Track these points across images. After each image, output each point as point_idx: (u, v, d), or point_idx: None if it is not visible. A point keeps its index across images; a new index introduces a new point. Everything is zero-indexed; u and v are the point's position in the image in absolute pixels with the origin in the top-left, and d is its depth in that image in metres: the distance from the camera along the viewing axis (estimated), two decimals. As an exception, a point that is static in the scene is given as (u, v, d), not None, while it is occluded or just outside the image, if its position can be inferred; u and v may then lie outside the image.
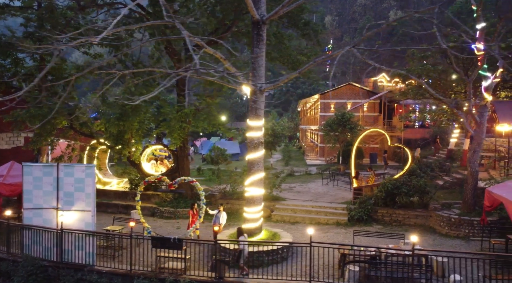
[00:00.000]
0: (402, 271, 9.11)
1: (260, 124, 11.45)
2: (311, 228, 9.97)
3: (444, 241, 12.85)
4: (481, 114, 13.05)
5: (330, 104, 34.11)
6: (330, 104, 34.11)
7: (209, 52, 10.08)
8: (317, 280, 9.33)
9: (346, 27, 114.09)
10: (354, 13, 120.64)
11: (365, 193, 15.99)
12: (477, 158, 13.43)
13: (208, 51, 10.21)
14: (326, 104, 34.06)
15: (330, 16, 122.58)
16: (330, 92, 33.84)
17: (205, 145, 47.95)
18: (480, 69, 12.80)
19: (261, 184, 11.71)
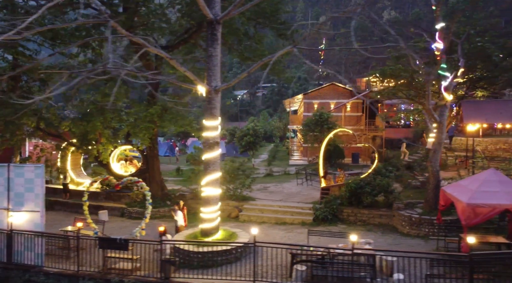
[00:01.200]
0: (347, 271, 9.13)
1: (215, 124, 11.42)
2: (255, 227, 10.05)
3: (403, 240, 12.88)
4: (441, 114, 13.10)
5: (313, 104, 34.15)
6: (313, 104, 34.15)
7: (164, 56, 10.03)
8: (262, 280, 9.32)
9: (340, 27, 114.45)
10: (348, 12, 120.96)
11: (333, 193, 16.01)
12: (438, 158, 13.47)
13: (164, 56, 10.20)
14: (310, 104, 34.10)
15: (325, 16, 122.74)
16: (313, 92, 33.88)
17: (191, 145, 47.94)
18: (439, 69, 12.84)
19: (217, 184, 11.68)
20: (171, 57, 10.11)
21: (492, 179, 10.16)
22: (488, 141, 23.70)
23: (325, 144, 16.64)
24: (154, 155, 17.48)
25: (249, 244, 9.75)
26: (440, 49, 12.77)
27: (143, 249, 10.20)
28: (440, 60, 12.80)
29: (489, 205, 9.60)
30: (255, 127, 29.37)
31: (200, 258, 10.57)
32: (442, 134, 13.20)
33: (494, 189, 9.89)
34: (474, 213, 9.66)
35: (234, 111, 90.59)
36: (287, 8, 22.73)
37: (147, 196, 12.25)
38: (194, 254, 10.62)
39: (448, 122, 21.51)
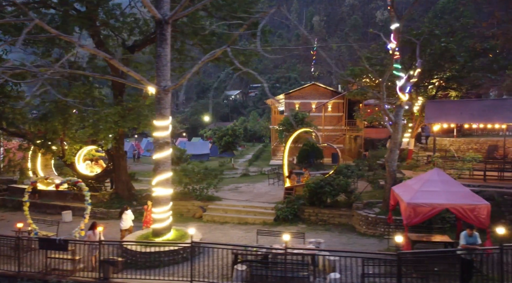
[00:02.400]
0: (286, 270, 9.16)
1: (166, 124, 11.42)
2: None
3: (358, 240, 12.93)
4: (397, 114, 13.16)
5: (295, 104, 34.21)
6: (295, 104, 34.21)
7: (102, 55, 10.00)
8: (199, 280, 9.33)
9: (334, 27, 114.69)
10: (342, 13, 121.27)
11: (298, 193, 16.04)
12: (395, 157, 13.54)
13: (102, 55, 10.20)
14: (291, 104, 34.15)
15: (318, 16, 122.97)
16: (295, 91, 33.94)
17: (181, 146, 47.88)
18: (393, 70, 12.90)
19: (168, 184, 11.66)
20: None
21: (435, 179, 10.23)
22: (461, 141, 23.85)
23: (289, 144, 16.63)
24: (120, 155, 17.42)
25: (186, 244, 9.74)
26: (395, 49, 12.82)
27: (86, 249, 10.18)
28: (394, 60, 12.86)
29: (429, 204, 9.66)
30: (234, 128, 29.32)
31: (146, 259, 10.55)
32: (398, 133, 13.25)
33: (436, 188, 9.96)
34: (415, 212, 9.72)
35: (226, 111, 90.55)
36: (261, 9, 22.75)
37: (86, 197, 12.18)
38: (140, 255, 10.61)
39: (419, 122, 21.65)
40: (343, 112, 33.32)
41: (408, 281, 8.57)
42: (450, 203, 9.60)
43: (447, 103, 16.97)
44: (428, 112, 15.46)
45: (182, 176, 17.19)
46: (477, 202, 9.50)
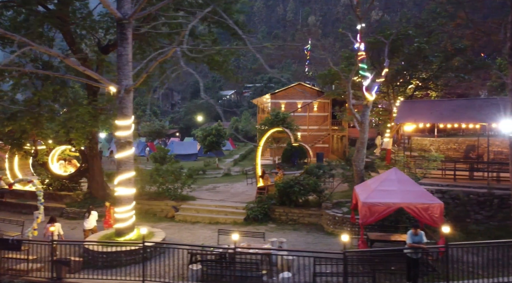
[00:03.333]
0: (241, 270, 9.17)
1: (127, 123, 11.40)
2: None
3: (323, 239, 12.96)
4: (363, 114, 13.20)
5: (280, 104, 34.23)
6: (280, 104, 34.23)
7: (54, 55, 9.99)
8: (151, 279, 9.32)
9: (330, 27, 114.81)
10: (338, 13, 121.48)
11: (270, 192, 16.05)
12: (362, 157, 13.58)
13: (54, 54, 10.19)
14: (277, 104, 34.17)
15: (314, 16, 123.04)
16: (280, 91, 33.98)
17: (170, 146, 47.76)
18: (360, 69, 12.95)
19: (130, 184, 11.65)
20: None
21: (392, 178, 10.28)
22: (441, 141, 23.95)
23: (262, 144, 16.63)
24: (94, 155, 17.38)
25: (138, 243, 9.74)
26: (362, 49, 12.86)
27: (43, 249, 10.14)
28: (360, 60, 12.90)
29: (384, 203, 9.71)
30: (218, 127, 29.31)
31: (105, 258, 10.54)
32: (364, 133, 13.29)
33: (392, 188, 10.01)
34: (370, 211, 9.76)
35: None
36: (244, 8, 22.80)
37: (39, 196, 12.13)
38: (99, 254, 10.60)
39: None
40: (328, 112, 33.36)
41: (355, 280, 8.62)
42: (405, 202, 9.64)
43: (419, 103, 17.03)
44: (399, 112, 15.52)
45: (156, 175, 17.17)
46: (431, 201, 9.55)
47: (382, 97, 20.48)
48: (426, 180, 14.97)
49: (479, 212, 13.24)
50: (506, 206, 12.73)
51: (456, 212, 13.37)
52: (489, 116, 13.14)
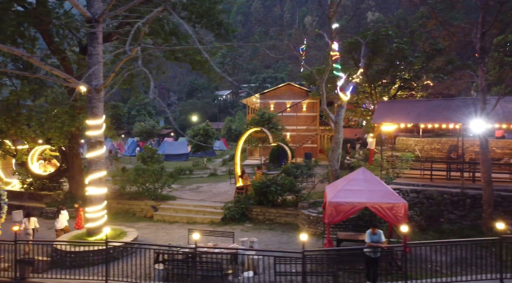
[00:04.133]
0: (207, 269, 9.18)
1: (98, 123, 11.40)
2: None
3: (297, 239, 12.94)
4: (338, 114, 13.23)
5: (270, 103, 34.25)
6: (270, 103, 34.25)
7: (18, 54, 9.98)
8: (114, 279, 9.32)
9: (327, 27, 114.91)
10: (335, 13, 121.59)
11: (249, 192, 16.06)
12: (337, 157, 13.61)
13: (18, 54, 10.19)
14: (266, 104, 34.19)
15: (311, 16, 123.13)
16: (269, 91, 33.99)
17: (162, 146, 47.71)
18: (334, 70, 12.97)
19: (101, 184, 11.65)
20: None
21: (359, 178, 10.31)
22: (425, 141, 24.02)
23: (241, 144, 16.64)
24: (73, 154, 17.35)
25: (100, 243, 9.74)
26: (335, 49, 12.89)
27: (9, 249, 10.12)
28: (334, 60, 12.93)
29: (349, 203, 9.74)
30: (206, 127, 29.28)
31: (73, 258, 10.54)
32: (339, 133, 13.33)
33: (358, 187, 10.04)
34: (336, 211, 9.80)
35: (214, 111, 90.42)
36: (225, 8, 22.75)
37: (2, 196, 12.08)
38: (67, 254, 10.59)
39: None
40: (317, 112, 33.40)
41: (317, 279, 8.66)
42: (370, 202, 9.68)
43: (398, 103, 17.08)
44: (377, 112, 15.55)
45: (135, 175, 17.16)
46: (395, 201, 9.59)
47: (366, 97, 20.54)
48: (402, 180, 15.03)
49: (453, 212, 13.30)
50: (478, 206, 12.79)
51: (430, 212, 13.43)
52: (464, 116, 13.18)
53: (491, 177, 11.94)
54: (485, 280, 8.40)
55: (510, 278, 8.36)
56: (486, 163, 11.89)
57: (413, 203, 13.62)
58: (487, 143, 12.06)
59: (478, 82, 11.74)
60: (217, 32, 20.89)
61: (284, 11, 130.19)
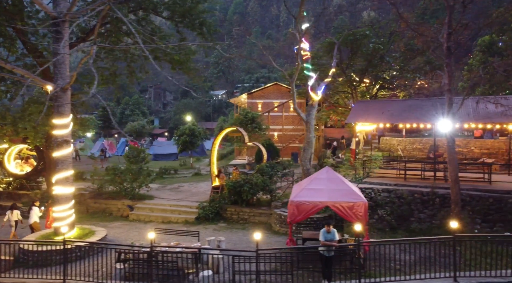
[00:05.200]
0: (166, 268, 9.19)
1: (64, 122, 11.37)
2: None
3: (267, 238, 12.96)
4: (309, 113, 13.27)
5: (257, 103, 34.28)
6: (257, 103, 34.28)
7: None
8: (72, 278, 9.30)
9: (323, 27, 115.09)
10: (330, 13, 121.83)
11: (225, 191, 16.06)
12: (308, 156, 13.64)
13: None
14: (254, 104, 34.21)
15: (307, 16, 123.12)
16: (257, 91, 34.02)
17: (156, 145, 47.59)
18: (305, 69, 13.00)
19: (68, 183, 11.62)
20: None
21: (322, 177, 10.34)
22: (407, 141, 24.13)
23: (218, 143, 16.64)
24: (50, 153, 17.27)
25: (58, 242, 9.73)
26: (306, 49, 12.92)
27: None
28: (305, 60, 12.96)
29: (311, 202, 9.78)
30: (192, 127, 29.28)
31: (37, 257, 10.51)
32: (310, 133, 13.36)
33: (320, 186, 10.07)
34: (298, 210, 9.83)
35: (209, 111, 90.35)
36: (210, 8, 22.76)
37: None
38: (30, 253, 10.56)
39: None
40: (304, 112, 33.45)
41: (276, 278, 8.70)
42: (331, 200, 9.71)
43: (373, 103, 17.13)
44: (352, 111, 15.60)
45: (112, 175, 17.14)
46: (356, 200, 9.62)
47: (346, 97, 20.60)
48: (376, 179, 15.11)
49: (423, 211, 13.37)
50: (447, 205, 12.87)
51: (400, 211, 13.50)
52: (434, 116, 13.25)
53: (458, 176, 12.01)
54: (440, 279, 8.46)
55: (464, 276, 8.43)
56: (452, 162, 11.96)
57: (385, 203, 13.70)
58: (454, 142, 12.13)
59: (445, 82, 11.80)
60: (199, 31, 20.90)
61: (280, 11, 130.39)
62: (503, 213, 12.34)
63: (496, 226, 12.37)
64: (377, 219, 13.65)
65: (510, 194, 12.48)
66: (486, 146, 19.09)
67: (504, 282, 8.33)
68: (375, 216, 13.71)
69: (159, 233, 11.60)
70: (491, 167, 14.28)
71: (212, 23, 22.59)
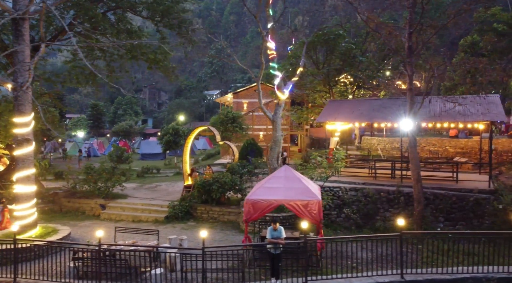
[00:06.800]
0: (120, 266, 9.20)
1: (25, 120, 11.34)
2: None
3: (232, 237, 13.01)
4: (275, 112, 13.31)
5: (243, 103, 34.32)
6: (243, 103, 34.32)
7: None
8: (22, 277, 9.29)
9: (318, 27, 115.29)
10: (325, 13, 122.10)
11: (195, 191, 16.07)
12: (275, 155, 13.69)
13: None
14: (239, 104, 34.26)
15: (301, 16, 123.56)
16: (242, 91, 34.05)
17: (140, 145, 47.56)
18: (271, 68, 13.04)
19: (29, 181, 11.60)
20: None
21: (280, 176, 10.38)
22: (386, 141, 24.24)
23: (190, 142, 16.66)
24: (24, 153, 17.22)
25: (7, 241, 9.72)
26: (272, 48, 12.96)
27: None
28: (271, 59, 13.00)
29: (266, 200, 9.79)
30: (175, 127, 29.30)
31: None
32: (277, 132, 13.40)
33: (277, 185, 10.10)
34: (254, 208, 9.85)
35: (202, 111, 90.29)
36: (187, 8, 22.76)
37: None
38: (-12, 252, 10.52)
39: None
40: (289, 111, 33.50)
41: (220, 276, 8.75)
42: (286, 199, 9.74)
43: (345, 102, 17.19)
44: (324, 110, 15.66)
45: (85, 174, 17.12)
46: (310, 198, 9.64)
47: (322, 96, 20.66)
48: (345, 178, 15.19)
49: (388, 210, 13.45)
50: (412, 204, 12.95)
51: (366, 210, 13.57)
52: (398, 115, 13.33)
53: (420, 175, 12.09)
54: (388, 275, 8.51)
55: (411, 273, 8.49)
56: (414, 161, 12.03)
57: (351, 201, 13.77)
58: (415, 141, 12.21)
59: (407, 81, 11.87)
60: (177, 31, 20.92)
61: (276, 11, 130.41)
62: (465, 211, 12.43)
63: (458, 225, 12.46)
64: (344, 217, 13.71)
65: (471, 192, 12.58)
66: (460, 145, 19.21)
67: (450, 279, 8.39)
68: (342, 215, 13.78)
69: (123, 232, 11.61)
70: (458, 166, 14.37)
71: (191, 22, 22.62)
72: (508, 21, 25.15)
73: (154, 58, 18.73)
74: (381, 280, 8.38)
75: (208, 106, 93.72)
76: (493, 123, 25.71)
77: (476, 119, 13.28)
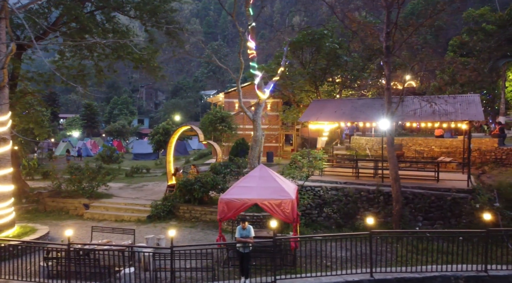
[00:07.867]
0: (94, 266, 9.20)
1: (2, 120, 11.33)
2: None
3: (213, 236, 13.01)
4: (256, 112, 13.33)
5: (234, 103, 34.28)
6: (234, 103, 34.28)
7: None
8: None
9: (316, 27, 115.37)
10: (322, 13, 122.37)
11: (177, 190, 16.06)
12: (256, 155, 13.71)
13: None
14: (231, 103, 34.24)
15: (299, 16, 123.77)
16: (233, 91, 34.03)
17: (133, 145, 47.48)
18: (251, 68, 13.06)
19: (6, 180, 11.57)
20: None
21: (254, 175, 10.41)
22: (374, 140, 24.29)
23: (174, 142, 16.67)
24: (9, 152, 17.20)
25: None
26: (252, 48, 12.98)
27: None
28: (251, 59, 13.02)
29: (240, 200, 9.82)
30: (166, 126, 29.29)
31: None
32: (257, 131, 13.43)
33: (251, 184, 10.13)
34: (228, 207, 9.87)
35: (198, 111, 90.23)
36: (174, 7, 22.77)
37: None
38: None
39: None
40: (280, 111, 33.52)
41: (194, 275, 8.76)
42: (260, 198, 9.76)
43: (329, 102, 17.22)
44: (307, 110, 15.68)
45: (68, 174, 17.11)
46: (283, 197, 9.67)
47: (308, 96, 20.70)
48: (327, 178, 15.23)
49: (368, 209, 13.48)
50: (391, 203, 12.99)
51: (347, 209, 13.61)
52: (377, 115, 13.37)
53: (398, 174, 12.13)
54: (357, 274, 8.55)
55: (380, 272, 8.52)
56: (392, 160, 12.08)
57: (332, 200, 13.80)
58: (393, 140, 12.26)
59: (384, 81, 11.90)
60: (165, 31, 20.93)
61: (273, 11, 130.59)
62: (443, 210, 12.49)
63: (436, 224, 12.51)
64: (324, 217, 13.75)
65: (449, 192, 12.63)
66: (445, 145, 19.28)
67: (419, 277, 8.43)
68: (322, 214, 13.81)
69: (99, 232, 11.62)
70: (438, 165, 14.43)
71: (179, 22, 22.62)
72: (496, 21, 25.28)
73: (140, 58, 18.73)
74: (351, 278, 8.42)
75: (204, 106, 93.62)
76: (479, 123, 25.64)
77: (455, 119, 13.35)
